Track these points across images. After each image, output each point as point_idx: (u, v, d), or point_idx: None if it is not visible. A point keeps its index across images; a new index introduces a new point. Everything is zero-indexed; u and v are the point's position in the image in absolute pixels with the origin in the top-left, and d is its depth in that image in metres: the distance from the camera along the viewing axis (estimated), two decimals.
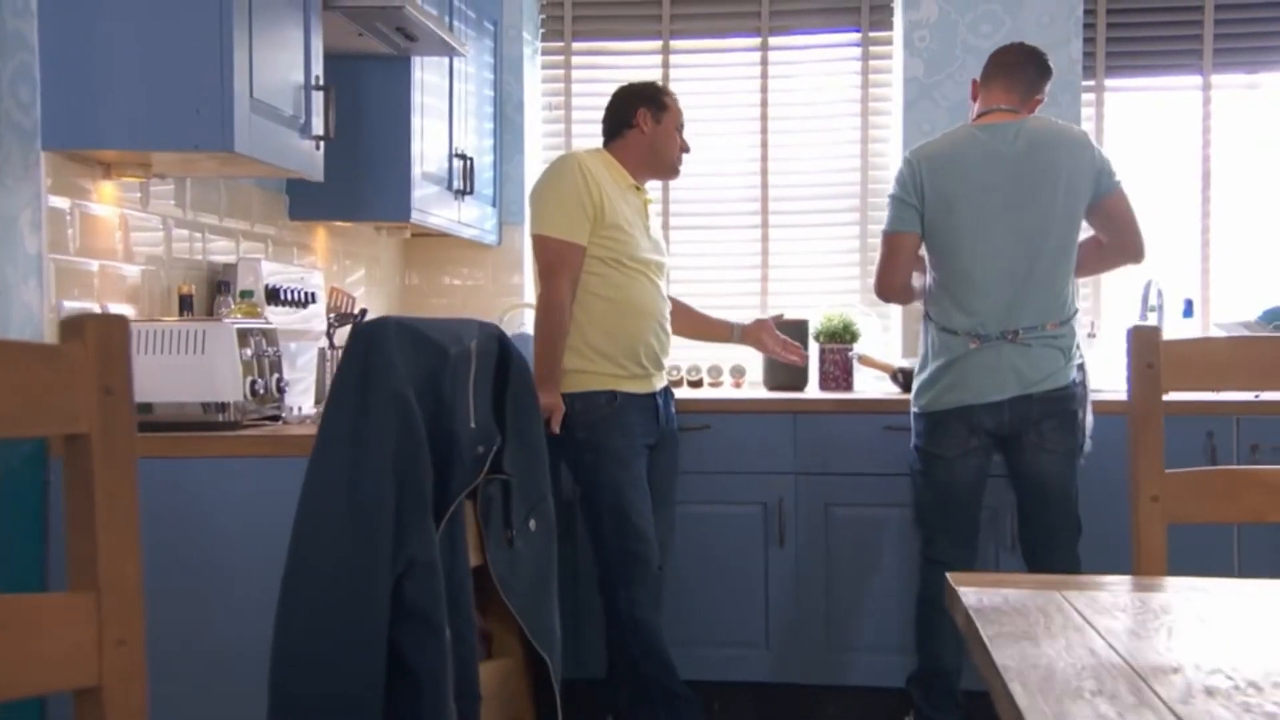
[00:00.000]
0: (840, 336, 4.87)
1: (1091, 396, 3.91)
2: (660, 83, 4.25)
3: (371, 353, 1.60)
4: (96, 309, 2.94)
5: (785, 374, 4.81)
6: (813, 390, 4.86)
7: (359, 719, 1.57)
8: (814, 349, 4.90)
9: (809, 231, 5.24)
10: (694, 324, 4.51)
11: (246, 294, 3.30)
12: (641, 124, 4.13)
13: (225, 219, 3.62)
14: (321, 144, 3.19)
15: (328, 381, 4.03)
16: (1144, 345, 2.35)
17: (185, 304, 3.18)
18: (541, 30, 5.37)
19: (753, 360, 4.93)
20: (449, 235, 4.71)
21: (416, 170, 4.07)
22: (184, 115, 2.71)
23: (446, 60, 4.29)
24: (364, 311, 4.29)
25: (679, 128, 4.19)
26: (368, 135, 4.01)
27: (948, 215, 3.80)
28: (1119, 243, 3.87)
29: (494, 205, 4.99)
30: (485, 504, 1.84)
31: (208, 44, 2.70)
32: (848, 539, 4.37)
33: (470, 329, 1.76)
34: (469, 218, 4.64)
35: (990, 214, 3.76)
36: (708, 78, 5.35)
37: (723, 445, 4.42)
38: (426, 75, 4.16)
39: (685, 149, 4.23)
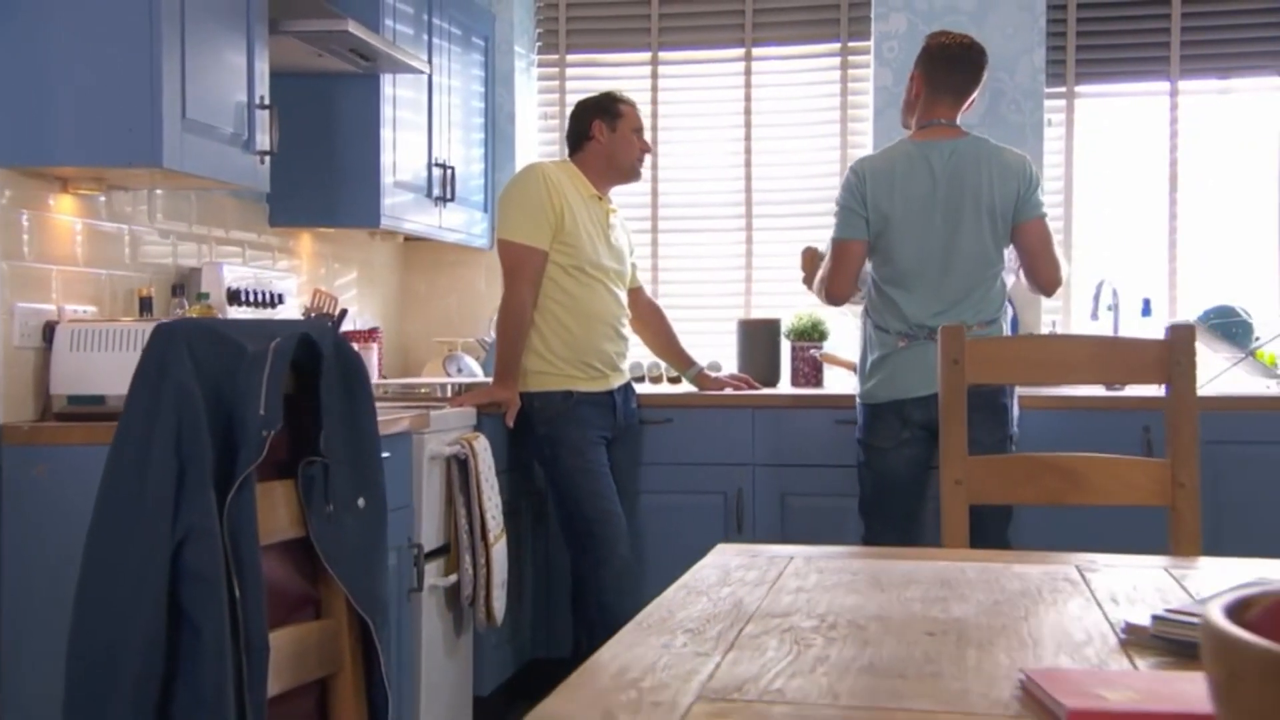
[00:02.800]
0: (809, 335, 5.09)
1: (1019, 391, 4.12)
2: (616, 91, 4.48)
3: (166, 348, 1.88)
4: (53, 310, 3.26)
5: (756, 372, 5.04)
6: (784, 387, 5.08)
7: (142, 662, 1.86)
8: (785, 347, 5.13)
9: (791, 235, 5.45)
10: (663, 345, 4.81)
11: (203, 296, 3.61)
12: (598, 135, 4.39)
13: (195, 226, 3.94)
14: (266, 158, 3.47)
15: None
16: (951, 342, 2.56)
17: (145, 305, 3.50)
18: (538, 43, 5.64)
19: (728, 358, 5.16)
20: (442, 240, 5.01)
21: (388, 179, 4.36)
22: (117, 133, 3.02)
23: (425, 76, 4.57)
24: (344, 311, 4.61)
25: (636, 131, 4.43)
26: (341, 147, 4.32)
27: (885, 224, 4.03)
28: (1029, 269, 4.09)
29: (485, 211, 5.26)
30: (307, 483, 2.11)
31: (138, 68, 3.01)
32: (803, 527, 4.58)
33: (279, 331, 2.03)
34: (453, 223, 4.93)
35: (920, 226, 4.00)
36: (694, 87, 5.59)
37: (685, 438, 4.67)
38: (401, 91, 4.45)
39: (646, 150, 4.48)
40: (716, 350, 5.25)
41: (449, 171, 4.80)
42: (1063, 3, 5.20)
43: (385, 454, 3.32)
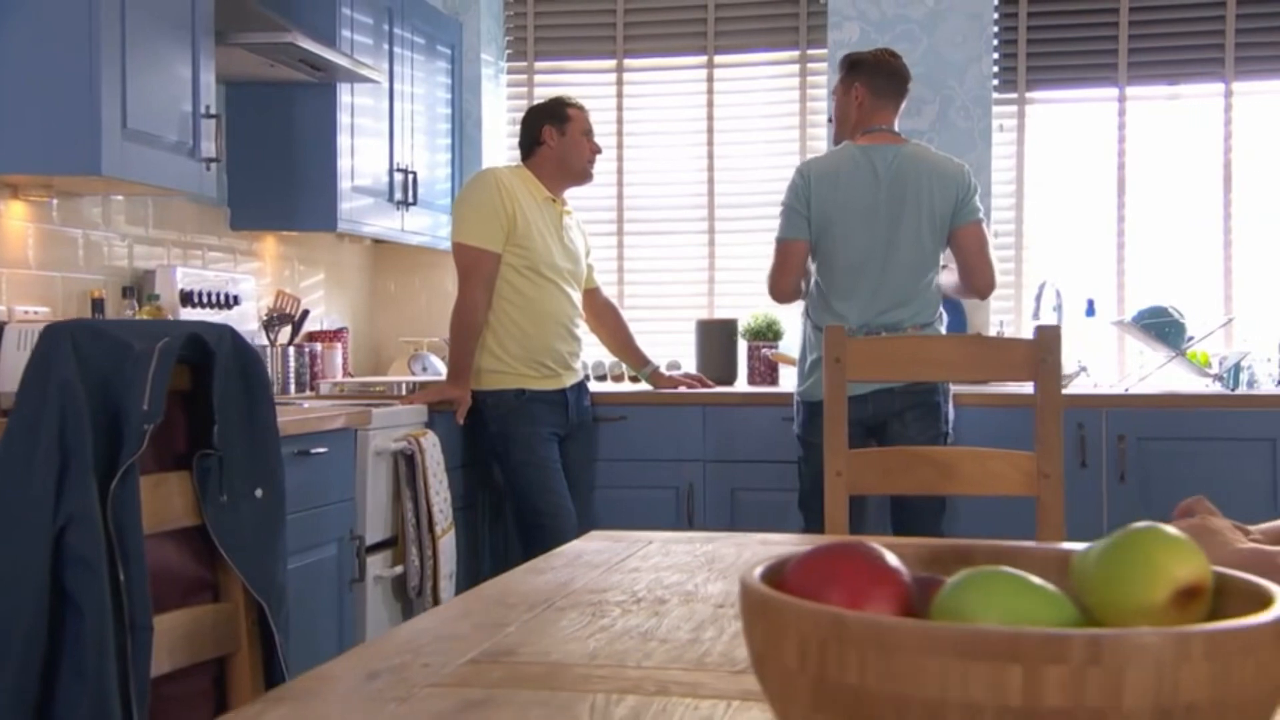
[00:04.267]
0: (764, 335, 5.23)
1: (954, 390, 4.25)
2: (565, 96, 4.62)
3: (52, 347, 2.03)
4: (4, 310, 3.42)
5: (714, 371, 5.17)
6: (741, 385, 5.22)
7: (24, 642, 2.02)
8: (742, 346, 5.27)
9: (752, 237, 5.58)
10: (619, 344, 4.95)
11: (153, 298, 3.77)
12: (548, 140, 4.54)
13: (154, 230, 4.10)
14: (213, 165, 3.63)
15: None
16: (833, 342, 2.70)
17: (97, 306, 3.66)
18: (507, 51, 5.79)
19: (689, 357, 5.29)
20: (406, 243, 5.17)
21: (346, 184, 4.51)
22: (57, 142, 3.18)
23: (385, 84, 4.72)
24: (306, 312, 4.77)
25: (585, 134, 4.58)
26: (299, 153, 4.48)
27: (827, 226, 4.16)
28: (964, 272, 4.21)
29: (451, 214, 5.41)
30: (202, 475, 2.26)
31: (77, 78, 3.17)
32: (752, 521, 4.71)
33: (170, 331, 2.18)
34: (416, 226, 5.08)
35: (861, 228, 4.13)
36: (658, 94, 5.74)
37: (638, 435, 4.81)
38: (359, 98, 4.60)
39: (596, 151, 4.62)
40: (678, 350, 5.39)
41: (410, 176, 4.94)
42: (1014, 11, 5.32)
43: (322, 449, 3.50)
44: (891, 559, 0.91)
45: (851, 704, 0.78)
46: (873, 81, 4.27)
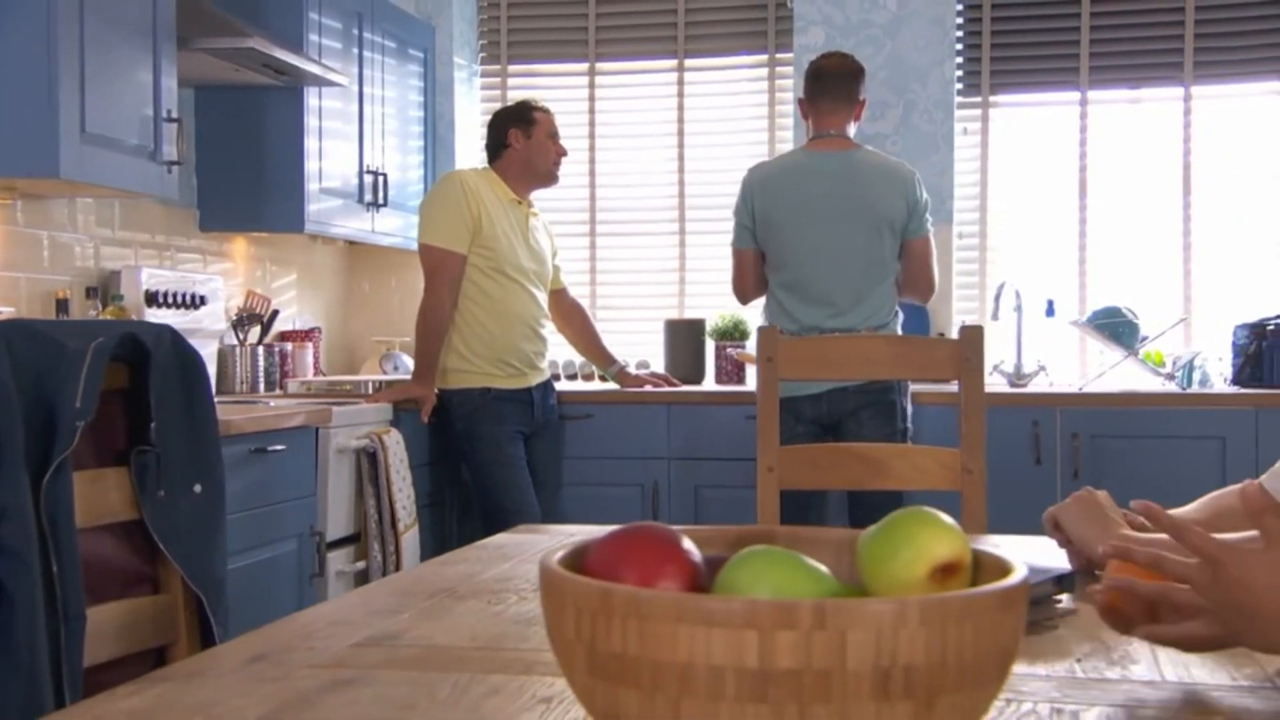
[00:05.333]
0: (731, 335, 5.30)
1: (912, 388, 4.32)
2: (532, 99, 4.70)
3: None
4: None
5: (682, 370, 5.24)
6: (709, 384, 5.29)
7: None
8: (710, 346, 5.34)
9: (722, 238, 5.61)
10: (585, 344, 5.02)
11: (116, 298, 3.84)
12: (514, 142, 4.61)
13: (121, 231, 4.17)
14: (174, 168, 3.70)
15: (234, 372, 4.58)
16: (766, 342, 2.77)
17: (61, 307, 3.74)
18: (481, 55, 5.87)
19: (657, 356, 5.36)
20: (377, 244, 5.24)
21: (313, 186, 4.59)
22: (16, 145, 3.25)
23: (354, 87, 4.79)
24: (276, 312, 4.84)
25: (552, 136, 4.64)
26: (267, 155, 4.56)
27: (775, 231, 4.24)
28: (909, 279, 4.28)
29: None
30: (140, 470, 2.34)
31: (35, 84, 3.24)
32: (716, 517, 4.79)
33: (105, 331, 2.25)
34: (388, 227, 5.15)
35: (808, 232, 4.20)
36: (629, 96, 5.81)
37: (604, 433, 4.89)
38: (327, 101, 4.68)
39: (561, 154, 4.68)
40: (648, 349, 5.47)
41: (380, 178, 5.02)
42: (978, 16, 5.39)
43: (280, 446, 3.57)
44: (683, 541, 0.98)
45: (617, 670, 0.85)
46: (810, 88, 4.34)
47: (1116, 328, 4.64)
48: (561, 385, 5.02)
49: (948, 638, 0.81)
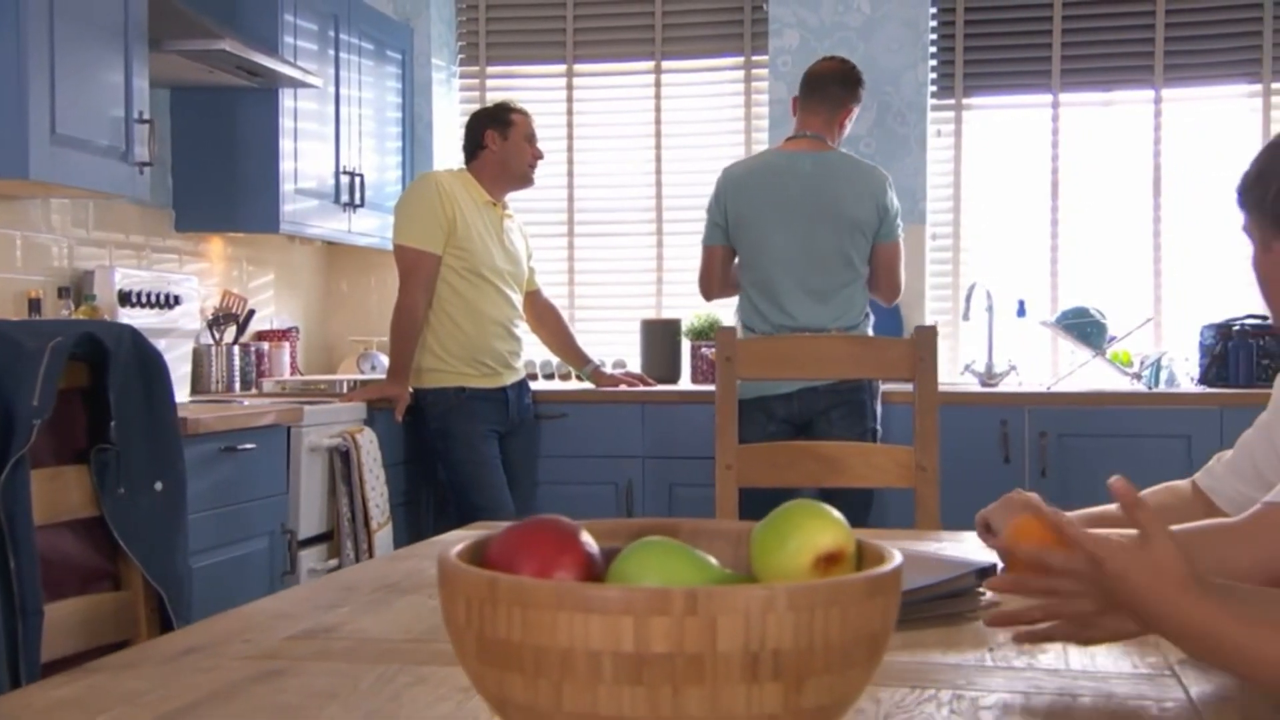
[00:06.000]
0: (706, 334, 5.34)
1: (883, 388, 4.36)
2: (509, 101, 4.73)
3: None
4: None
5: (658, 369, 5.28)
6: (684, 383, 5.33)
7: None
8: (685, 345, 5.38)
9: (699, 238, 5.66)
10: (560, 344, 5.06)
11: (89, 298, 3.87)
12: (490, 144, 4.64)
13: (96, 232, 4.20)
14: (146, 169, 3.73)
15: (209, 371, 4.61)
16: (724, 343, 2.80)
17: (34, 307, 3.76)
18: (460, 56, 5.90)
19: (633, 356, 5.40)
20: (354, 245, 5.28)
21: (289, 186, 4.62)
22: None
23: (330, 89, 4.83)
24: (252, 312, 4.87)
25: (528, 138, 4.67)
26: (242, 156, 4.59)
27: (744, 229, 4.28)
28: (874, 283, 4.32)
29: None
30: (100, 468, 2.37)
31: (5, 86, 3.27)
32: (690, 515, 4.79)
33: (63, 331, 2.28)
34: (365, 228, 5.18)
35: (779, 231, 4.24)
36: (607, 98, 5.85)
37: (579, 432, 4.92)
38: (303, 103, 4.71)
39: (538, 156, 4.71)
40: (624, 349, 5.50)
41: (357, 179, 5.05)
42: (951, 19, 5.43)
43: (250, 445, 3.60)
44: (581, 534, 1.01)
45: (503, 655, 0.89)
46: (801, 88, 4.41)
47: (1084, 328, 4.68)
48: (537, 385, 5.05)
49: (814, 623, 0.84)
